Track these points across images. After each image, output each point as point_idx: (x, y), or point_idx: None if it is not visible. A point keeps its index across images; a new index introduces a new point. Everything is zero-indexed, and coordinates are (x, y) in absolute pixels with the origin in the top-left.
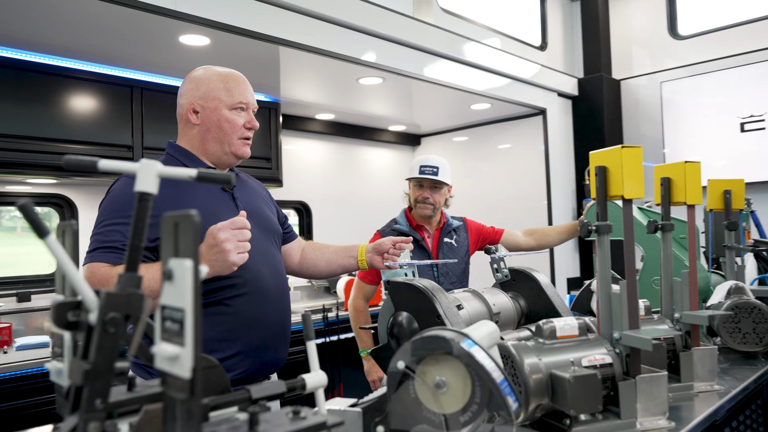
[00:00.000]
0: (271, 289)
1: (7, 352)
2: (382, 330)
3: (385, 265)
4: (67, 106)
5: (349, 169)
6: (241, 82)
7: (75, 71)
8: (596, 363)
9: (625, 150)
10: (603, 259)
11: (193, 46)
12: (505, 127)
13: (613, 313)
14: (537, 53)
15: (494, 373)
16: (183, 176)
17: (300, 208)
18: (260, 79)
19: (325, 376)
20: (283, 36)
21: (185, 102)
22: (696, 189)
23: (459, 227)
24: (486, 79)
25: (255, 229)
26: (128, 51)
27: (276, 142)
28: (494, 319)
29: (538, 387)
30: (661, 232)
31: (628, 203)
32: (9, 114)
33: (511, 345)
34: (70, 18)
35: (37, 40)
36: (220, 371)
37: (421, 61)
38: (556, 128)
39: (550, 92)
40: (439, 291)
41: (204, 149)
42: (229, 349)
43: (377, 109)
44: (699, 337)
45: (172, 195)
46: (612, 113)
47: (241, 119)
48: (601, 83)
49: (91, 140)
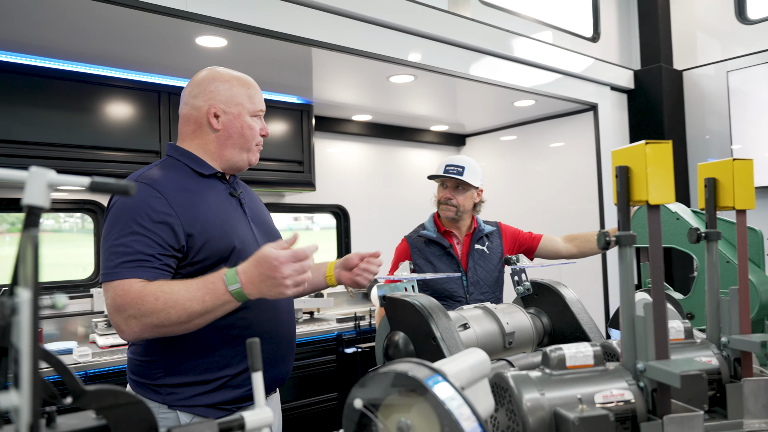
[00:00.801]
0: (281, 303)
1: None
2: (378, 350)
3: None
4: (99, 114)
5: (389, 171)
6: (257, 89)
7: (105, 78)
8: (613, 400)
9: (651, 146)
10: (625, 275)
11: (210, 48)
12: (555, 124)
13: (638, 340)
14: (588, 45)
15: (464, 420)
16: (76, 184)
17: (337, 212)
18: (291, 80)
19: (270, 414)
20: (316, 37)
21: (203, 104)
22: (747, 191)
23: (492, 233)
24: (531, 75)
25: (261, 236)
26: (153, 56)
27: (308, 145)
28: (507, 339)
29: (539, 427)
30: (705, 241)
31: (654, 210)
32: (43, 122)
33: (511, 376)
34: (91, 25)
35: (60, 47)
36: (143, 408)
37: (459, 57)
38: (609, 124)
39: (603, 86)
40: (437, 311)
41: (220, 154)
42: (240, 365)
43: (417, 109)
44: (751, 366)
45: (186, 200)
46: (673, 107)
47: (258, 126)
48: (660, 74)
49: (122, 146)
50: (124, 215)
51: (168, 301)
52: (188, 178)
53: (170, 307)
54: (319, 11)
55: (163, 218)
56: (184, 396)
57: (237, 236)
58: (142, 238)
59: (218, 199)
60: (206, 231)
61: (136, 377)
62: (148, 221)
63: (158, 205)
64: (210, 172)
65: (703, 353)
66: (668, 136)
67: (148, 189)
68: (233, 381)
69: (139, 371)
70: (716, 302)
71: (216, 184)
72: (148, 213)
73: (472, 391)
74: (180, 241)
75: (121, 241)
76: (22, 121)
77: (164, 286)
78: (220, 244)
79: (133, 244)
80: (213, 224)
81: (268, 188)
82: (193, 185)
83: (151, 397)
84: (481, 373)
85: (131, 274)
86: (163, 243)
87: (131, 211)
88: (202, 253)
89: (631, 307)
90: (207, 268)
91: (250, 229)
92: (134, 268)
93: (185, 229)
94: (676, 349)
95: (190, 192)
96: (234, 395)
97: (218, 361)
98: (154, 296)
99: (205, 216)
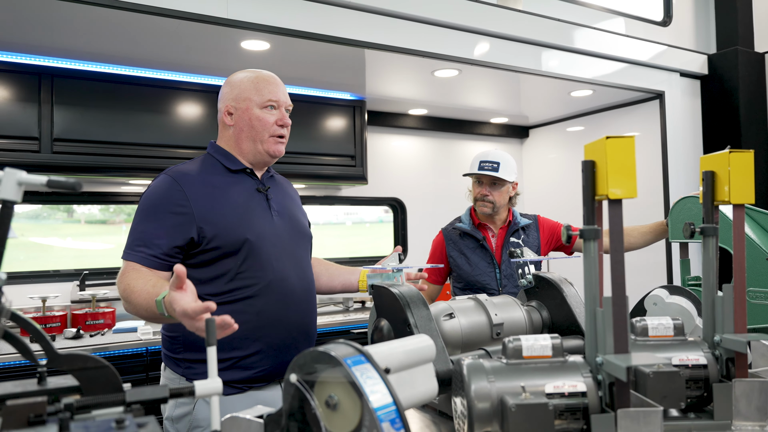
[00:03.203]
0: (296, 291)
1: (104, 335)
2: (370, 336)
3: (373, 268)
4: (166, 114)
5: (447, 164)
6: (272, 82)
7: (170, 82)
8: (563, 391)
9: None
10: (589, 269)
11: (254, 51)
12: (622, 113)
13: (598, 333)
14: (657, 30)
15: (372, 396)
16: (35, 183)
17: (395, 205)
18: (342, 78)
19: (220, 383)
20: (370, 39)
21: (222, 105)
22: (744, 185)
23: (529, 226)
24: (590, 65)
25: (285, 230)
26: (207, 60)
27: (361, 139)
28: (495, 331)
29: (484, 413)
30: (702, 237)
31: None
32: (117, 123)
33: (465, 364)
34: (154, 36)
35: (129, 56)
36: (109, 372)
37: (511, 50)
38: (678, 113)
39: (671, 73)
40: (416, 300)
41: (239, 149)
42: (250, 348)
43: (474, 101)
44: (746, 366)
45: (206, 195)
46: (751, 92)
47: (272, 117)
48: (737, 58)
49: (187, 144)
50: (148, 202)
51: (129, 292)
52: (217, 173)
53: (129, 300)
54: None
55: (178, 210)
56: (200, 371)
57: (251, 230)
58: (155, 226)
59: (241, 194)
60: (219, 223)
61: (165, 350)
62: (164, 212)
63: (177, 197)
64: (238, 167)
65: (691, 352)
66: (745, 124)
67: (172, 182)
68: (242, 362)
69: (167, 345)
70: (711, 300)
71: (244, 179)
72: (166, 204)
73: (409, 373)
74: (189, 233)
75: (138, 226)
76: (98, 123)
77: (137, 279)
78: (231, 237)
79: (146, 231)
80: (227, 218)
81: (321, 182)
82: (219, 180)
83: (174, 369)
84: (421, 357)
85: (134, 257)
86: (171, 233)
87: (154, 200)
88: (214, 242)
89: (594, 302)
90: (219, 257)
91: (272, 222)
92: (137, 254)
93: (197, 221)
94: (661, 346)
95: (212, 186)
96: (245, 375)
97: (229, 342)
98: (126, 283)
99: (221, 209)
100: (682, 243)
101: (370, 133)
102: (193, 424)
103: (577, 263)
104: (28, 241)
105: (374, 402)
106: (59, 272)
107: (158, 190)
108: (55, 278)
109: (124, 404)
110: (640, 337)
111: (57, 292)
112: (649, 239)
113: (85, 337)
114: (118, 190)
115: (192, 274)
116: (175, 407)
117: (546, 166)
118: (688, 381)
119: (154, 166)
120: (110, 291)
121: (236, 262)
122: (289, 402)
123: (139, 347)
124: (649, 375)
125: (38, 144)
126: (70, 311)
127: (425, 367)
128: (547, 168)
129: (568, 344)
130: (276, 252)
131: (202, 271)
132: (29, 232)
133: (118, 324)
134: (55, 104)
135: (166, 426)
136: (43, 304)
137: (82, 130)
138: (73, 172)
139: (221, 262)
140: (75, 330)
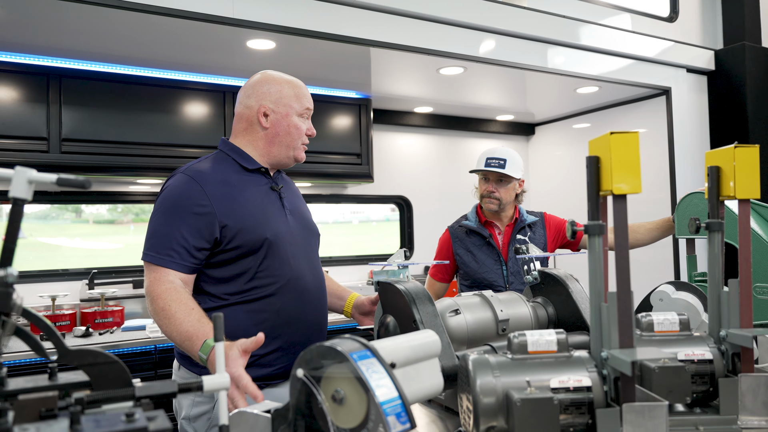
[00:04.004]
0: (311, 289)
1: (113, 333)
2: (376, 332)
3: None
4: (173, 113)
5: (453, 161)
6: (305, 90)
7: (177, 81)
8: (569, 385)
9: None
10: (594, 264)
11: (260, 50)
12: (629, 109)
13: (603, 328)
14: (663, 26)
15: (378, 390)
16: (45, 180)
17: (401, 203)
18: (348, 77)
19: (227, 378)
20: (375, 37)
21: (254, 104)
22: (750, 179)
23: (535, 223)
24: (595, 61)
25: (298, 229)
26: (214, 60)
27: (367, 137)
28: (501, 326)
29: (489, 408)
30: (707, 232)
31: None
32: (126, 123)
33: (471, 359)
34: (160, 36)
35: (136, 56)
36: (119, 367)
37: (517, 48)
38: (685, 109)
39: (678, 69)
40: (422, 296)
41: (267, 151)
42: (270, 346)
43: (480, 99)
44: (752, 361)
45: (225, 193)
46: (758, 88)
47: (305, 126)
48: (744, 53)
49: (194, 143)
50: (168, 203)
51: (168, 316)
52: (233, 171)
53: (165, 321)
54: (372, 11)
55: (200, 210)
56: None
57: (270, 229)
58: (180, 228)
59: (258, 193)
60: (240, 222)
61: (181, 350)
62: (187, 212)
63: (198, 197)
64: (254, 166)
65: (697, 347)
66: (752, 119)
67: (191, 181)
68: (262, 360)
69: None
70: (717, 295)
71: (258, 178)
72: (188, 204)
73: (414, 368)
74: (214, 232)
75: (162, 228)
76: (106, 123)
77: (179, 303)
78: (252, 236)
79: (171, 233)
80: (248, 217)
81: (328, 180)
82: (236, 179)
83: (192, 369)
84: (426, 353)
85: (165, 263)
86: (197, 234)
87: (174, 200)
88: (235, 242)
89: (599, 297)
90: (239, 257)
91: (287, 221)
92: (168, 260)
93: (220, 220)
94: (667, 341)
95: (230, 185)
96: (263, 373)
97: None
98: (165, 303)
99: (241, 208)
100: (688, 239)
101: (376, 131)
102: (212, 422)
103: (583, 260)
104: (36, 242)
105: (380, 396)
106: (68, 271)
107: (177, 190)
108: (64, 277)
109: (134, 399)
110: (646, 333)
111: (66, 291)
112: (656, 236)
113: (94, 335)
114: (126, 189)
115: (211, 274)
116: (192, 406)
117: (552, 163)
118: (694, 376)
119: (162, 165)
120: (119, 290)
121: (256, 261)
122: (296, 397)
123: (148, 345)
124: (654, 370)
125: (47, 144)
126: (79, 310)
127: (430, 362)
128: (554, 165)
129: (573, 340)
130: (293, 251)
131: (221, 270)
132: (38, 232)
133: (126, 322)
134: (63, 104)
135: (183, 425)
136: (53, 303)
137: (90, 130)
138: (82, 172)
139: (241, 262)
140: (84, 328)
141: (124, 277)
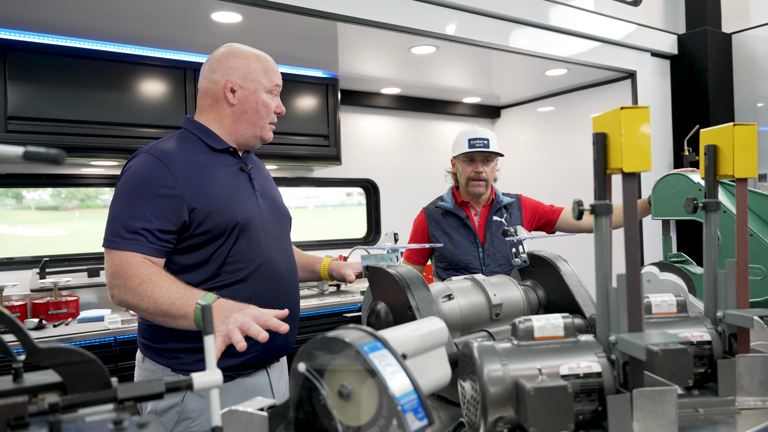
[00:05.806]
0: (284, 274)
1: (69, 324)
2: (363, 320)
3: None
4: (129, 91)
5: (420, 144)
6: (274, 65)
7: (133, 57)
8: (579, 372)
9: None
10: (600, 246)
11: (226, 23)
12: (594, 92)
13: (611, 312)
14: (628, 9)
15: (393, 384)
16: (9, 154)
17: (367, 186)
18: (315, 54)
19: (220, 376)
20: (338, 11)
21: (220, 79)
22: (748, 159)
23: (511, 204)
24: (564, 43)
25: (269, 212)
26: (174, 33)
27: (334, 119)
28: (494, 311)
29: (500, 397)
30: (704, 212)
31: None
32: (76, 101)
33: (476, 347)
34: (115, 4)
35: (88, 28)
36: (96, 366)
37: (487, 27)
38: (649, 92)
39: (643, 52)
40: (416, 281)
41: (234, 129)
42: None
43: (447, 80)
44: (748, 342)
45: (193, 174)
46: (719, 72)
47: (273, 103)
48: (706, 38)
49: (152, 123)
50: (132, 185)
51: (147, 290)
52: (200, 151)
53: (146, 296)
54: None
55: (167, 191)
56: (187, 361)
57: (241, 212)
58: (145, 210)
59: (227, 174)
60: (209, 205)
61: (144, 340)
62: (153, 194)
63: (164, 178)
64: (222, 146)
65: (695, 328)
66: (714, 103)
67: (157, 162)
68: (233, 349)
69: (147, 335)
70: (713, 276)
71: (227, 159)
72: (154, 186)
73: (423, 358)
74: (182, 216)
75: (125, 211)
76: (56, 100)
77: (155, 276)
78: (222, 219)
79: (136, 216)
80: (217, 198)
81: (294, 162)
82: (204, 159)
83: (157, 360)
84: (434, 341)
85: (132, 247)
86: (163, 218)
87: (139, 182)
88: (204, 225)
89: (606, 279)
90: (209, 241)
91: (258, 203)
92: (135, 243)
93: (189, 203)
94: (666, 323)
95: (198, 166)
96: (234, 363)
97: None
98: (140, 280)
99: (210, 190)
100: (664, 220)
101: (342, 113)
102: (182, 416)
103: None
104: None
105: (396, 391)
106: (13, 260)
107: (142, 171)
108: (11, 266)
109: (116, 401)
110: (644, 315)
111: (15, 280)
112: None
113: (48, 327)
114: (77, 172)
115: (178, 261)
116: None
117: (517, 146)
118: (694, 358)
119: (117, 146)
120: (73, 278)
121: (226, 245)
122: (297, 393)
123: (107, 337)
124: (657, 353)
125: None
126: (30, 300)
127: (438, 351)
128: (519, 148)
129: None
130: (264, 234)
131: (189, 256)
132: None
133: (82, 313)
134: (8, 80)
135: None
136: (0, 294)
137: (38, 108)
138: None
139: (210, 246)
140: (37, 320)
141: (77, 265)
